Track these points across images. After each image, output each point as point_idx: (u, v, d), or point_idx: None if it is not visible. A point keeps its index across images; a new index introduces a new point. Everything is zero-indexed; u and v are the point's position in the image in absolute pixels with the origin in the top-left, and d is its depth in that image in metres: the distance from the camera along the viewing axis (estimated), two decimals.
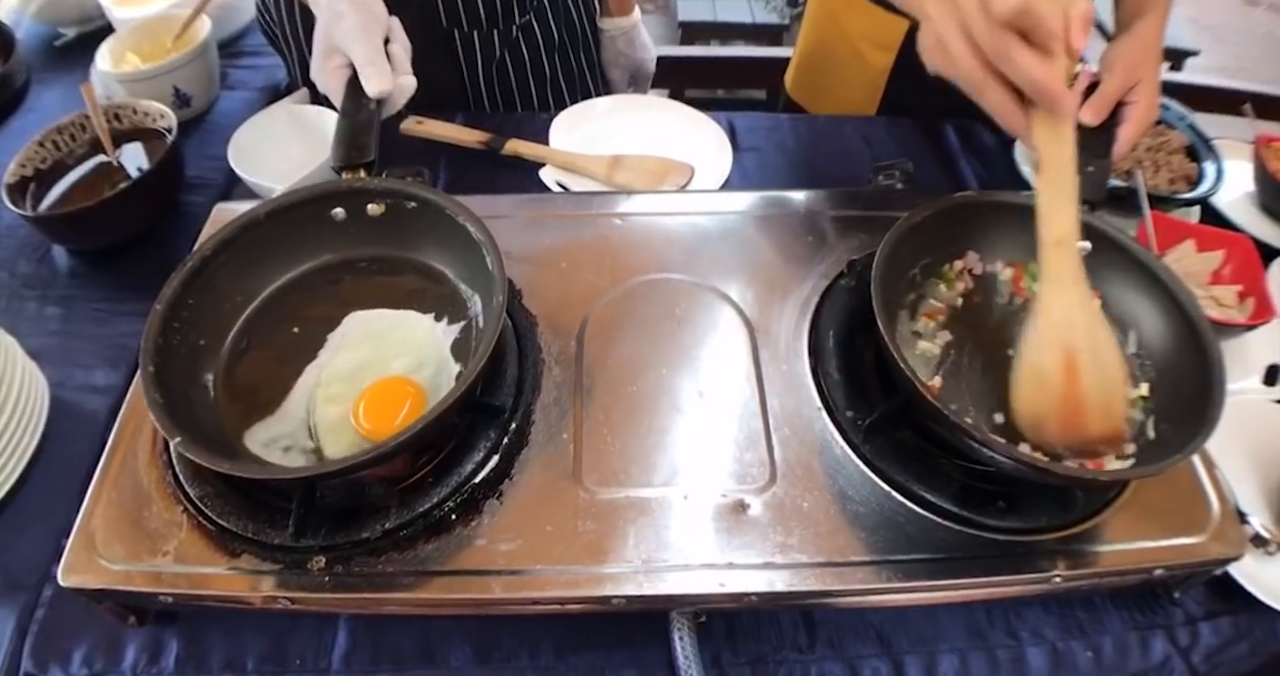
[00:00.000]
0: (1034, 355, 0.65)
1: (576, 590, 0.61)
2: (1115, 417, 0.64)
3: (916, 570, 0.62)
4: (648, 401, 0.70)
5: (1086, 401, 0.63)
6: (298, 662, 0.67)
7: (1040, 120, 0.62)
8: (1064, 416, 0.64)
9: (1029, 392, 0.65)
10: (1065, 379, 0.63)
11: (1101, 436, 0.64)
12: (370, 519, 0.62)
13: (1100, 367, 0.63)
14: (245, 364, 0.71)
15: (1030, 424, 0.65)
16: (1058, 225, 0.63)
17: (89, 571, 0.62)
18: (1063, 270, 0.64)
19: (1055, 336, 0.64)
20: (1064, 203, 0.63)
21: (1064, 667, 0.69)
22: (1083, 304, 0.64)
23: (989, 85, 0.61)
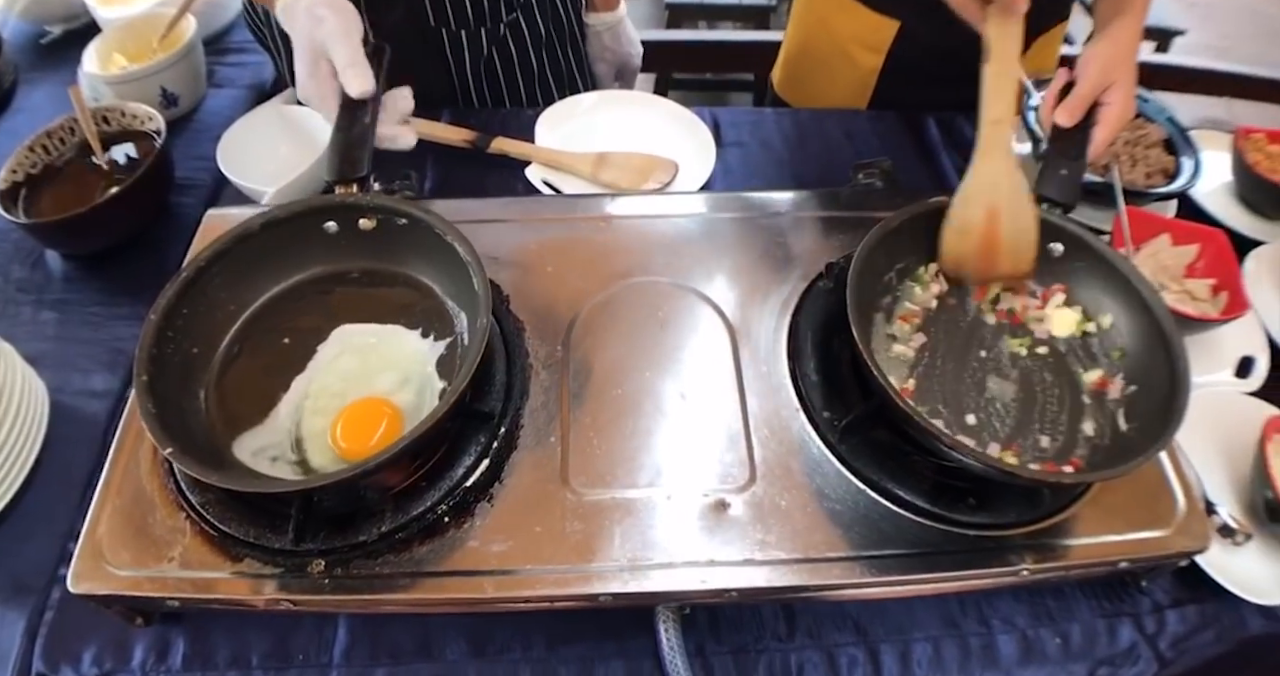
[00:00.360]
0: (961, 208, 0.78)
1: (565, 588, 0.65)
2: (1024, 262, 0.79)
3: (890, 565, 0.66)
4: (632, 404, 0.74)
5: (1001, 246, 0.78)
6: (300, 658, 0.71)
7: (994, 14, 0.76)
8: (981, 257, 0.79)
9: (954, 238, 0.79)
10: (985, 228, 0.78)
11: (1011, 274, 0.80)
12: (367, 523, 0.66)
13: (1015, 221, 0.77)
14: (236, 373, 0.74)
15: (953, 263, 0.80)
16: (997, 107, 0.77)
17: (98, 578, 0.66)
18: (996, 144, 0.78)
19: (982, 194, 0.78)
20: (1006, 89, 0.77)
21: (1033, 654, 0.73)
22: (1008, 172, 0.78)
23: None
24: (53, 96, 1.22)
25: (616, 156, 1.06)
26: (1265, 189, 1.07)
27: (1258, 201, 1.09)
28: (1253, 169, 1.07)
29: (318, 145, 1.01)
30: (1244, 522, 0.80)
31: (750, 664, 0.72)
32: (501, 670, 0.71)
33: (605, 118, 1.14)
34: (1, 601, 0.75)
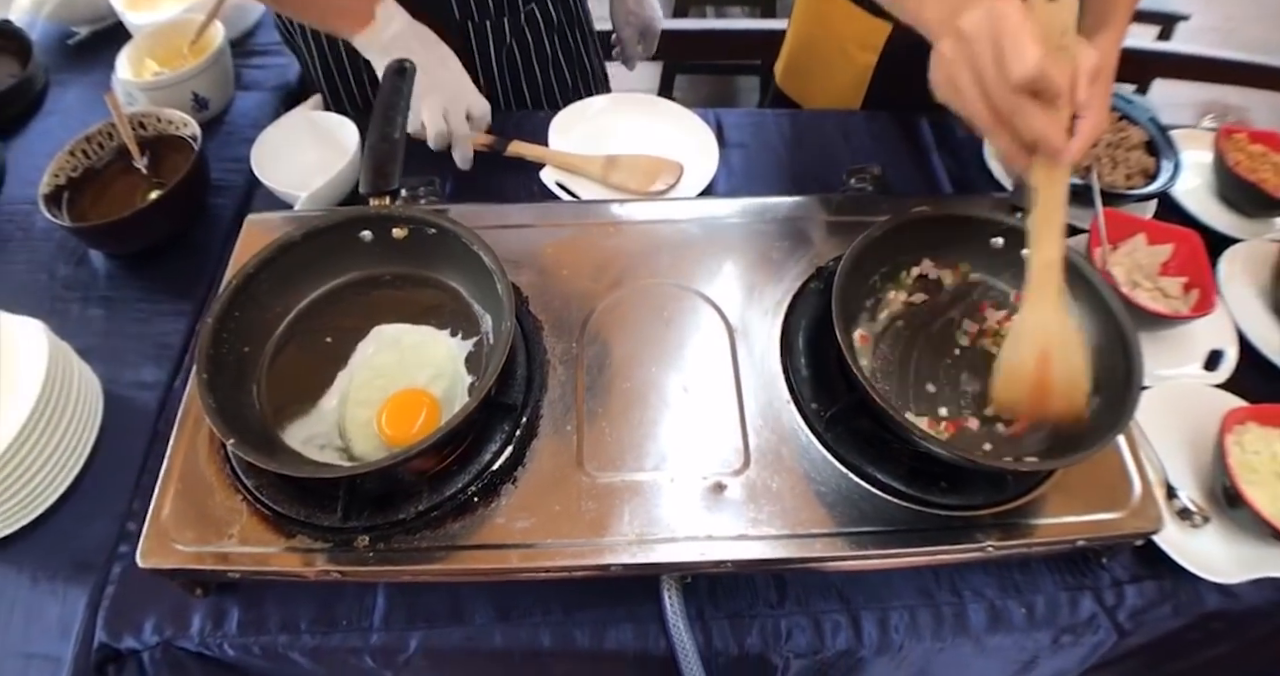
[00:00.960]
0: (1014, 350, 0.81)
1: (581, 560, 0.76)
2: (1077, 405, 0.81)
3: (869, 541, 0.77)
4: (640, 397, 0.85)
5: (1053, 390, 0.80)
6: (344, 623, 0.82)
7: (1040, 164, 0.75)
8: (1034, 400, 0.81)
9: (1007, 380, 0.82)
10: (1037, 371, 0.79)
11: (1064, 416, 0.81)
12: (406, 502, 0.77)
13: (1067, 365, 0.79)
14: (284, 369, 0.85)
15: (1006, 405, 0.83)
16: (1047, 251, 0.78)
17: (164, 554, 0.77)
18: (1047, 286, 0.79)
19: (1034, 337, 0.80)
20: (1054, 233, 0.77)
21: (1001, 622, 0.85)
22: (1060, 313, 0.79)
23: (998, 132, 0.74)
24: (83, 98, 1.32)
25: (625, 159, 1.16)
26: (1244, 188, 1.15)
27: (1237, 200, 1.18)
28: (1233, 169, 1.16)
29: (344, 149, 1.12)
30: (1203, 507, 0.91)
31: (744, 627, 0.83)
32: (524, 633, 0.82)
33: (614, 120, 1.24)
34: (64, 579, 0.85)
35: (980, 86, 0.72)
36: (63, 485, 0.89)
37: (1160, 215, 1.17)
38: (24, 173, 1.19)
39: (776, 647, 0.83)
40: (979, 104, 0.73)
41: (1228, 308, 1.07)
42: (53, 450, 0.87)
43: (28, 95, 1.31)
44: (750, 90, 2.89)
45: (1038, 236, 0.78)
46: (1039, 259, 0.78)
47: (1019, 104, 0.70)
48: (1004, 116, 0.72)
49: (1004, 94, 0.70)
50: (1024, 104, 0.70)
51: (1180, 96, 2.46)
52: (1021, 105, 0.70)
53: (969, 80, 0.73)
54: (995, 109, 0.72)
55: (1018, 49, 0.67)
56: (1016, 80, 0.68)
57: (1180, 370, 1.03)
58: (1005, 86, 0.70)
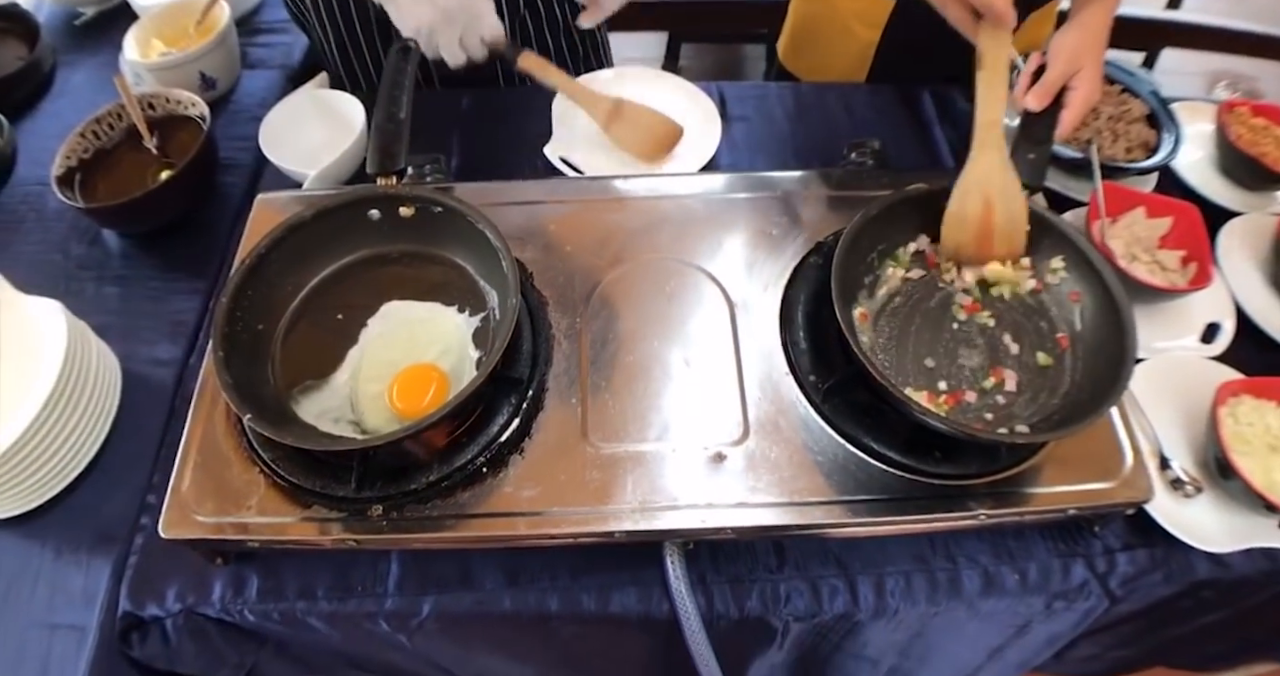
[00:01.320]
0: (959, 200, 0.91)
1: (586, 527, 0.80)
2: (1017, 244, 0.92)
3: (865, 509, 0.81)
4: (642, 370, 0.88)
5: (995, 232, 0.91)
6: (359, 589, 0.87)
7: (986, 27, 0.88)
8: (978, 241, 0.92)
9: (953, 226, 0.92)
10: (981, 217, 0.91)
11: (1005, 255, 0.93)
12: (417, 473, 0.81)
13: (1007, 209, 0.90)
14: (297, 346, 0.89)
15: (952, 248, 0.93)
16: (990, 110, 0.90)
17: (186, 525, 0.81)
18: (989, 143, 0.90)
19: (977, 188, 0.90)
20: (997, 94, 0.90)
21: (994, 587, 0.88)
22: (1001, 167, 0.90)
23: (950, 3, 0.90)
24: (92, 79, 1.36)
25: (630, 109, 1.18)
26: (1245, 162, 1.17)
27: (1238, 174, 1.21)
28: (1234, 143, 1.18)
29: (351, 127, 1.15)
30: (1196, 477, 0.94)
31: (745, 591, 0.87)
32: (532, 597, 0.86)
33: (618, 94, 1.26)
34: (88, 550, 0.90)
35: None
36: (84, 460, 0.93)
37: (1161, 188, 1.20)
38: (35, 154, 1.23)
39: (776, 611, 0.87)
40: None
41: (1226, 281, 1.10)
42: (74, 427, 0.90)
43: (36, 77, 1.34)
44: (757, 59, 2.89)
45: (982, 96, 0.90)
46: (982, 117, 0.90)
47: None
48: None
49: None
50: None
51: (1189, 65, 2.46)
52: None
53: None
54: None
55: None
56: None
57: (1177, 342, 1.06)
58: None
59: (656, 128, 1.19)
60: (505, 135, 1.23)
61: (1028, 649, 1.00)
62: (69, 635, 0.86)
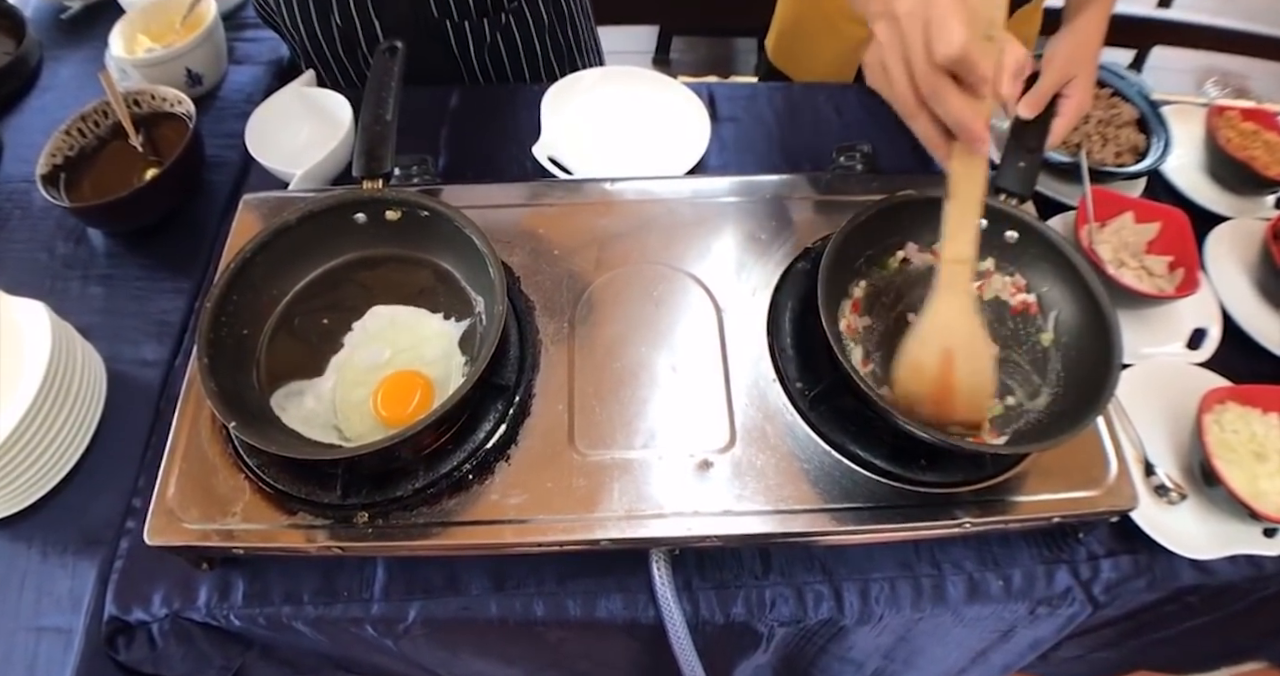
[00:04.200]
0: (917, 347, 0.81)
1: (572, 534, 0.80)
2: (978, 410, 0.81)
3: (850, 517, 0.81)
4: (629, 376, 0.88)
5: (956, 392, 0.79)
6: (345, 594, 0.86)
7: (959, 153, 0.75)
8: (935, 401, 0.80)
9: (907, 376, 0.81)
10: (940, 371, 0.79)
11: (964, 422, 0.81)
12: (403, 480, 0.81)
13: (972, 368, 0.79)
14: (281, 351, 0.88)
15: (905, 402, 0.82)
16: (958, 246, 0.78)
17: (171, 532, 0.80)
18: (955, 283, 0.79)
19: (938, 335, 0.80)
20: (967, 227, 0.77)
21: (978, 594, 0.89)
22: (967, 313, 0.79)
23: (919, 116, 0.75)
24: (78, 74, 1.34)
25: None
26: (1234, 166, 1.17)
27: (1227, 178, 1.21)
28: (1224, 147, 1.18)
29: (337, 125, 1.15)
30: (1181, 484, 0.94)
31: (730, 598, 0.87)
32: (519, 603, 0.86)
33: (607, 94, 1.26)
34: (74, 553, 0.89)
35: (906, 67, 0.73)
36: (70, 462, 0.93)
37: (1150, 192, 1.20)
38: (20, 151, 1.22)
39: (761, 616, 0.87)
40: (904, 85, 0.74)
41: (1213, 286, 1.10)
42: (59, 429, 0.90)
43: (23, 73, 1.33)
44: (748, 52, 2.89)
45: (951, 231, 0.78)
46: (949, 254, 0.79)
47: (941, 85, 0.71)
48: (926, 97, 0.73)
49: (927, 73, 0.71)
50: (946, 85, 0.71)
51: (1179, 62, 2.47)
52: (943, 86, 0.71)
53: (897, 61, 0.74)
54: (918, 90, 0.73)
55: (945, 28, 0.68)
56: (940, 58, 0.69)
57: (1163, 348, 1.06)
58: (930, 67, 0.71)
59: None
60: (494, 134, 1.22)
61: (1011, 653, 1.01)
62: (55, 638, 0.86)
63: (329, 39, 1.26)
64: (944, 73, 0.71)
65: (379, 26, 1.22)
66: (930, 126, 0.75)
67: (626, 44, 2.79)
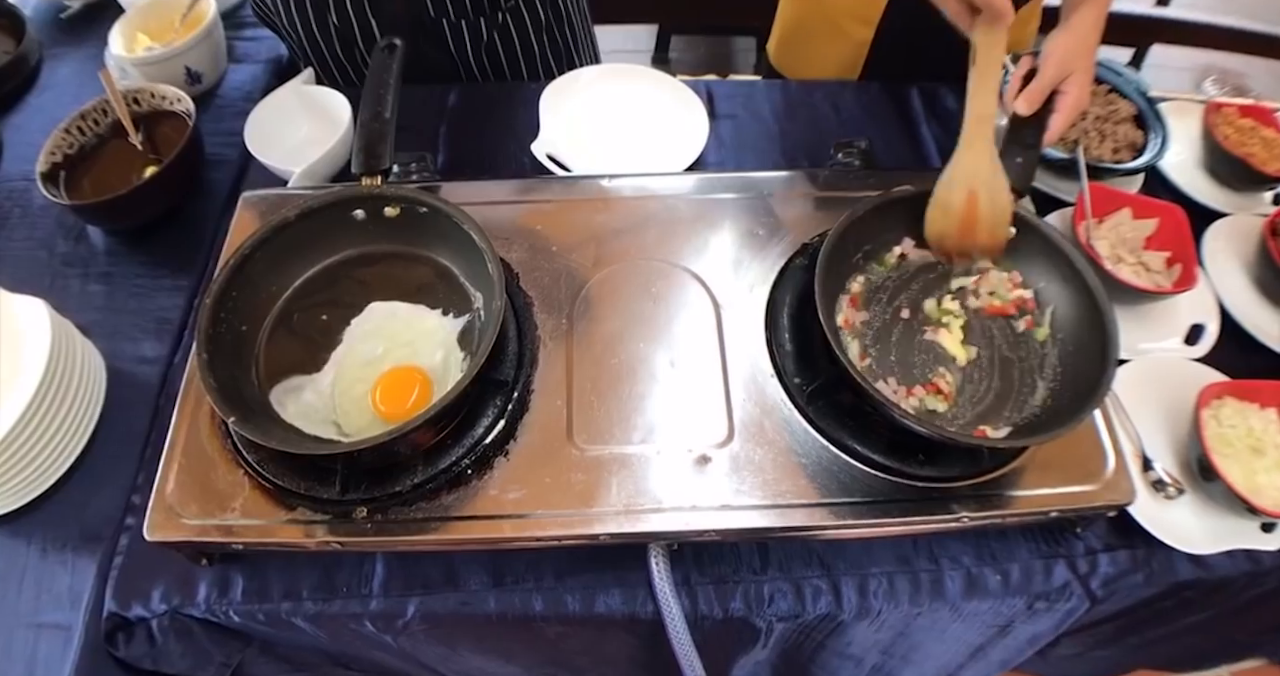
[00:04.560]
0: (945, 190, 0.91)
1: (571, 529, 0.80)
2: (998, 237, 0.92)
3: (848, 511, 0.81)
4: (628, 371, 0.88)
5: (979, 222, 0.91)
6: (344, 590, 0.87)
7: (982, 24, 0.87)
8: (960, 233, 0.92)
9: (938, 215, 0.92)
10: (965, 208, 0.91)
11: (986, 248, 0.93)
12: (402, 475, 0.81)
13: (992, 202, 0.90)
14: (281, 347, 0.89)
15: (936, 237, 0.93)
16: (981, 104, 0.90)
17: (170, 527, 0.81)
18: (978, 136, 0.90)
19: (963, 179, 0.91)
20: (989, 88, 0.89)
21: (977, 588, 0.89)
22: (988, 161, 0.90)
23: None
24: (78, 72, 1.34)
25: None
26: (1232, 163, 1.17)
27: (1225, 174, 1.21)
28: (1221, 144, 1.18)
29: (336, 123, 1.15)
30: (1178, 478, 0.95)
31: (729, 592, 0.88)
32: (517, 598, 0.86)
33: (604, 91, 1.26)
34: (74, 550, 0.89)
35: None
36: (69, 459, 0.93)
37: (1148, 188, 1.20)
38: (20, 149, 1.22)
39: (760, 611, 0.88)
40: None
41: (1210, 282, 1.10)
42: (59, 426, 0.90)
43: (23, 71, 1.33)
44: (747, 51, 2.89)
45: (974, 91, 0.90)
46: (973, 112, 0.90)
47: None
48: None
49: None
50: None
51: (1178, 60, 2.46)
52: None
53: None
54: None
55: None
56: None
57: (1161, 344, 1.06)
58: None
59: None
60: (493, 131, 1.22)
61: (1010, 648, 1.01)
62: (55, 634, 0.86)
63: (326, 38, 1.27)
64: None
65: (376, 26, 1.22)
66: (957, 4, 0.88)
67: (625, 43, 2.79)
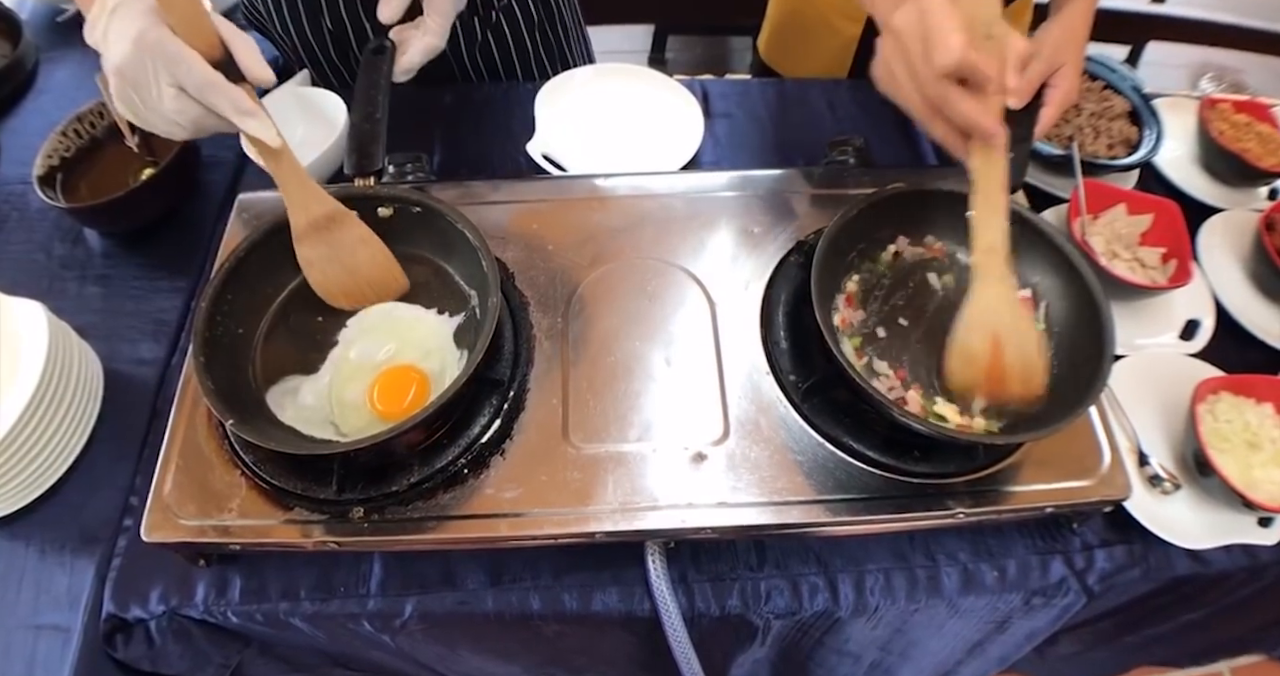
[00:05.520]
0: (964, 336, 0.83)
1: (567, 528, 0.80)
2: (1034, 385, 0.83)
3: (844, 508, 0.81)
4: (624, 370, 0.88)
5: (1008, 372, 0.82)
6: (341, 590, 0.87)
7: (977, 149, 0.79)
8: (989, 384, 0.83)
9: (960, 366, 0.84)
10: (990, 356, 0.82)
11: (1021, 398, 0.83)
12: (398, 474, 0.81)
13: (1020, 347, 0.82)
14: (277, 348, 0.89)
15: (960, 390, 0.85)
16: (989, 236, 0.81)
17: (168, 528, 0.81)
18: (991, 271, 0.82)
19: (983, 322, 0.82)
20: (995, 217, 0.81)
21: (973, 584, 0.89)
22: (1007, 297, 0.82)
23: (934, 121, 0.79)
24: (74, 75, 1.35)
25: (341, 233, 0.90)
26: (1227, 158, 1.18)
27: (1220, 170, 1.21)
28: (1216, 139, 1.18)
29: (332, 125, 1.15)
30: (1174, 474, 0.95)
31: (726, 590, 0.88)
32: (515, 596, 0.87)
33: (600, 91, 1.26)
34: (72, 552, 0.89)
35: (913, 79, 0.77)
36: (67, 461, 0.93)
37: (1143, 184, 1.20)
38: (17, 152, 1.22)
39: (757, 609, 0.88)
40: (914, 95, 0.78)
41: (1206, 277, 1.11)
42: (56, 428, 0.90)
43: (20, 75, 1.33)
44: (744, 51, 2.90)
45: (979, 222, 0.81)
46: (981, 244, 0.82)
47: (948, 92, 0.75)
48: (936, 106, 0.77)
49: (934, 84, 0.75)
50: (953, 92, 0.75)
51: (1174, 57, 2.47)
52: (951, 93, 0.75)
53: (903, 73, 0.78)
54: (928, 99, 0.77)
55: (942, 40, 0.72)
56: (941, 69, 0.73)
57: (1157, 339, 1.07)
58: (933, 76, 0.75)
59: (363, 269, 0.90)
60: (488, 131, 1.22)
61: (1007, 644, 1.01)
62: (54, 636, 0.86)
63: (320, 42, 1.27)
64: (949, 80, 0.75)
65: (370, 28, 1.22)
66: (946, 129, 0.80)
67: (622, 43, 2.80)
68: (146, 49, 0.76)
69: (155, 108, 0.80)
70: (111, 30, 0.78)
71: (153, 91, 0.78)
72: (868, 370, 0.88)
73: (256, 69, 0.82)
